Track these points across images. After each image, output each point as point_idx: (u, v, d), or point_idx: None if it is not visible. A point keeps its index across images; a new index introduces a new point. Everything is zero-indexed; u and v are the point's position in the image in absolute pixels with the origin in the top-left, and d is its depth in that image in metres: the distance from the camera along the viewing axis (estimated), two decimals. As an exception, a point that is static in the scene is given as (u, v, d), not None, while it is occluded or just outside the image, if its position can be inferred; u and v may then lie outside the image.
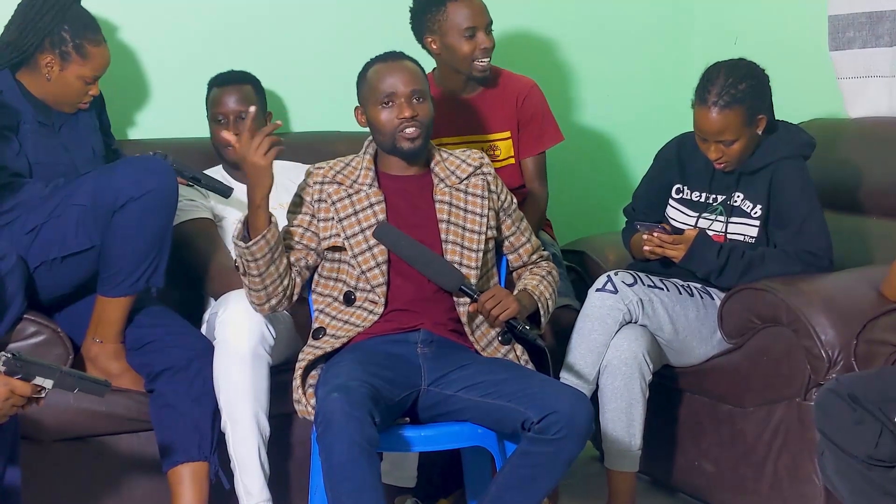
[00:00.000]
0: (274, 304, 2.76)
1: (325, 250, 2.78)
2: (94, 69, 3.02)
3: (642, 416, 3.00)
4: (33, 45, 2.95)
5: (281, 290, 2.74)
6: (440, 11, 3.27)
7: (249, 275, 2.71)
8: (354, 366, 2.58)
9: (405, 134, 2.74)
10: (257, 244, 2.66)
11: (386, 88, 2.75)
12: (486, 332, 2.79)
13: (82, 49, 2.97)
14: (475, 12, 3.28)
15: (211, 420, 2.86)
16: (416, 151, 2.78)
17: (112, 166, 2.96)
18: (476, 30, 3.27)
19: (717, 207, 3.12)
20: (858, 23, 3.56)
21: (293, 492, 3.05)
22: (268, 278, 2.71)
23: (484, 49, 3.28)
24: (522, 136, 3.44)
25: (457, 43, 3.27)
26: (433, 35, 3.30)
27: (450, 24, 3.26)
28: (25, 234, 2.83)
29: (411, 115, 2.73)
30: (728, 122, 2.96)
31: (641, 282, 3.03)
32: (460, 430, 2.65)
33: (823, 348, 2.80)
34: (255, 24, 3.65)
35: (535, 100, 3.44)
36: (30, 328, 2.83)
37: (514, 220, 2.91)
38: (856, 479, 2.46)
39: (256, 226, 2.68)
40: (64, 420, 2.85)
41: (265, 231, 2.66)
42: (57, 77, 2.98)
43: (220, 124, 3.22)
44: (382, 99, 2.75)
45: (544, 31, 3.99)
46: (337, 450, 2.40)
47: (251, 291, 2.75)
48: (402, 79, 2.75)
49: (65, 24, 2.96)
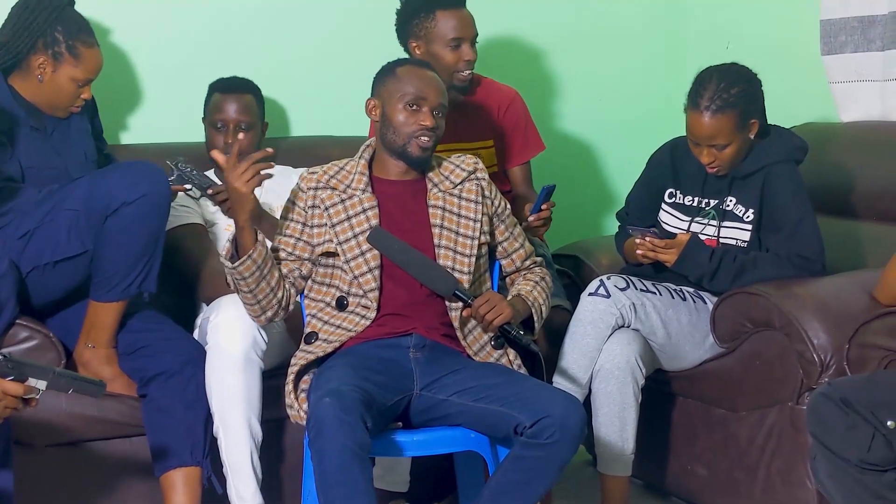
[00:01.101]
0: (270, 315, 2.77)
1: (319, 256, 2.78)
2: (87, 71, 3.01)
3: (635, 420, 3.00)
4: (26, 47, 2.95)
5: (275, 302, 2.75)
6: (429, 18, 3.27)
7: (241, 291, 2.73)
8: (347, 370, 2.57)
9: (420, 142, 2.75)
10: (244, 264, 2.67)
11: (417, 92, 2.76)
12: (479, 337, 2.79)
13: (75, 50, 2.97)
14: (463, 24, 3.28)
15: (203, 425, 2.86)
16: (423, 160, 2.79)
17: (105, 171, 2.95)
18: (462, 41, 3.27)
19: (710, 212, 3.12)
20: (850, 27, 3.56)
21: (285, 497, 3.05)
22: (259, 293, 2.72)
23: (467, 61, 3.28)
24: (508, 146, 3.45)
25: (441, 52, 3.27)
26: (418, 41, 3.29)
27: (437, 33, 3.26)
28: (18, 239, 2.83)
29: (433, 125, 2.75)
30: (720, 127, 2.96)
31: (634, 286, 3.04)
32: (453, 435, 2.65)
33: (816, 352, 2.80)
34: (249, 28, 3.65)
35: (518, 110, 3.46)
36: (22, 333, 2.83)
37: (508, 226, 2.92)
38: (849, 483, 2.46)
39: (244, 245, 2.69)
40: (56, 425, 2.84)
41: (251, 251, 2.67)
42: (49, 79, 2.98)
43: (218, 130, 3.23)
44: (410, 100, 2.76)
45: (537, 34, 3.99)
46: (329, 455, 2.40)
47: (246, 305, 2.77)
48: (434, 89, 2.77)
49: (58, 25, 2.96)
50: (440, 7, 3.26)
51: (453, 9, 3.27)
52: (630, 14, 4.16)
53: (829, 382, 2.57)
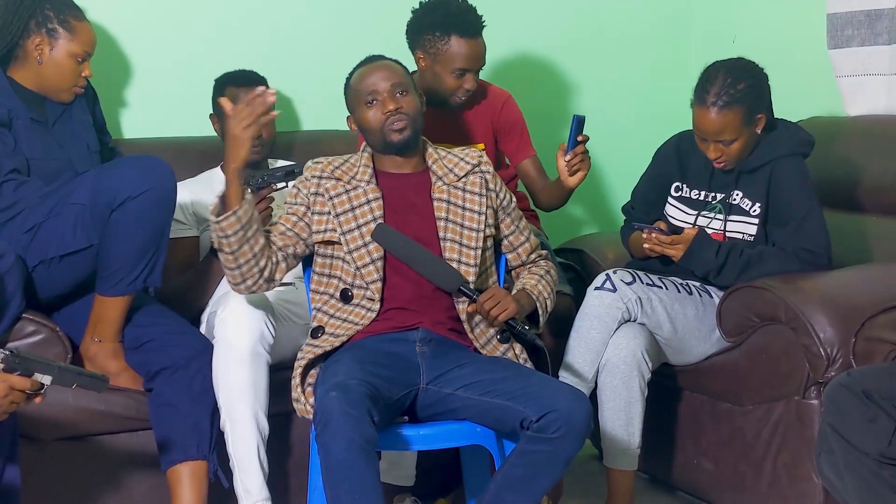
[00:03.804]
0: (249, 284, 2.74)
1: (318, 244, 2.78)
2: (84, 44, 3.03)
3: (641, 414, 3.00)
4: (18, 31, 2.97)
5: (257, 270, 2.72)
6: (442, 39, 3.22)
7: (222, 251, 2.69)
8: (353, 364, 2.57)
9: (393, 126, 2.75)
10: (227, 220, 2.65)
11: (367, 87, 2.77)
12: (486, 331, 2.79)
13: (68, 24, 3.00)
14: (474, 55, 3.24)
15: (210, 419, 2.87)
16: (407, 143, 2.78)
17: (111, 165, 2.96)
18: (467, 71, 3.25)
19: (716, 206, 3.12)
20: (857, 21, 3.55)
21: (292, 491, 3.05)
22: (241, 257, 2.69)
23: (466, 90, 3.27)
24: (508, 145, 3.45)
25: (444, 74, 3.24)
26: (426, 55, 3.26)
27: (446, 56, 3.22)
28: (24, 233, 2.83)
29: (395, 107, 2.75)
30: (727, 122, 2.96)
31: (640, 280, 3.03)
32: (459, 429, 2.64)
33: (822, 346, 2.80)
34: (253, 23, 3.65)
35: (513, 109, 3.45)
36: (28, 327, 2.83)
37: (513, 219, 2.91)
38: (865, 476, 2.42)
39: (229, 202, 2.67)
40: (63, 419, 2.85)
41: (237, 208, 2.66)
42: (48, 58, 2.99)
43: None
44: (366, 99, 2.77)
45: (543, 31, 3.99)
46: (336, 449, 2.39)
47: (226, 269, 2.73)
48: (381, 76, 2.77)
49: (46, 3, 3.00)
50: (457, 32, 3.21)
51: (469, 37, 3.22)
52: (634, 11, 4.16)
53: (849, 373, 2.54)
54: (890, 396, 2.40)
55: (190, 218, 3.22)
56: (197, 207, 3.23)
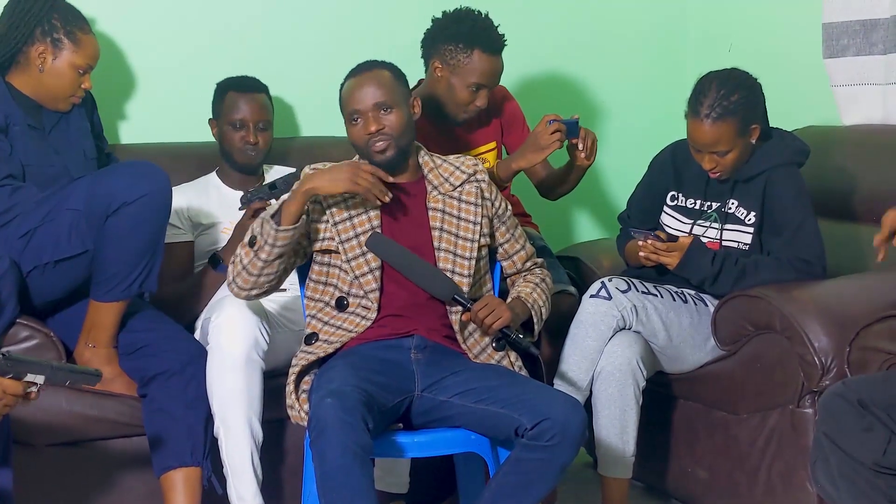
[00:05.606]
0: (254, 295, 2.74)
1: (316, 252, 2.78)
2: (87, 57, 3.03)
3: (636, 422, 3.00)
4: (23, 38, 2.96)
5: (268, 286, 2.73)
6: (466, 52, 3.19)
7: (257, 256, 2.66)
8: (348, 371, 2.57)
9: (375, 148, 2.74)
10: (287, 231, 2.63)
11: (350, 106, 2.75)
12: (479, 340, 2.79)
13: (73, 35, 2.99)
14: (494, 73, 3.23)
15: (204, 425, 2.86)
16: (390, 162, 2.76)
17: (106, 171, 2.96)
18: (483, 87, 3.23)
19: (712, 214, 3.12)
20: (852, 30, 3.56)
21: (286, 498, 3.05)
22: (269, 268, 2.67)
23: (477, 107, 3.26)
24: (511, 138, 3.44)
25: (459, 88, 3.22)
26: (444, 65, 3.22)
27: (466, 70, 3.20)
28: (19, 239, 2.83)
29: (377, 128, 2.72)
30: (721, 134, 2.96)
31: (635, 288, 3.04)
32: (453, 437, 2.64)
33: (817, 355, 2.80)
34: (252, 28, 3.65)
35: (512, 102, 3.47)
36: (22, 332, 2.83)
37: (509, 227, 2.91)
38: (861, 486, 2.42)
39: (288, 216, 2.65)
40: (56, 424, 2.84)
41: (298, 223, 2.64)
42: (50, 67, 2.98)
43: (237, 129, 3.22)
44: (350, 117, 2.76)
45: (538, 39, 3.99)
46: (330, 456, 2.39)
47: (243, 272, 2.69)
48: (365, 93, 2.74)
49: (54, 13, 2.99)
50: (481, 47, 3.19)
51: (490, 54, 3.21)
52: (630, 19, 4.16)
53: (844, 382, 2.53)
54: (885, 406, 2.40)
55: (185, 223, 3.22)
56: (193, 212, 3.23)
